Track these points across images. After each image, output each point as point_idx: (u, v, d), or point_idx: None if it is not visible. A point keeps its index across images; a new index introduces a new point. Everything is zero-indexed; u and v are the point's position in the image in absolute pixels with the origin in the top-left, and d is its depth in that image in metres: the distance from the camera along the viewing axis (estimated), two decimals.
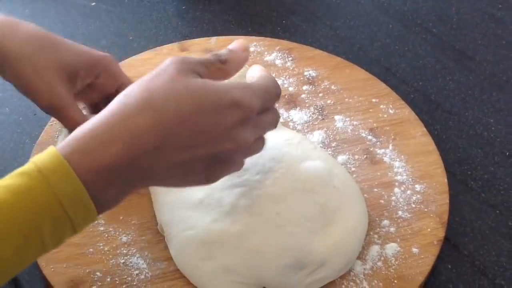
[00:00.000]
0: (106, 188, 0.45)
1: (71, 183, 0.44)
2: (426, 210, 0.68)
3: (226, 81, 0.52)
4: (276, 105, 0.76)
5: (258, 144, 0.53)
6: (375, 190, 0.70)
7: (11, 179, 0.44)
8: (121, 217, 0.65)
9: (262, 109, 0.52)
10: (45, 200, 0.43)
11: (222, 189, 0.60)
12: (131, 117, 0.45)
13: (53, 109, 0.59)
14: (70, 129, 0.58)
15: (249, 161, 0.62)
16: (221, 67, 0.52)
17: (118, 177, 0.45)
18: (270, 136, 0.65)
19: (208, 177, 0.50)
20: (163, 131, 0.45)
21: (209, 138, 0.47)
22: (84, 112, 0.61)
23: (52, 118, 0.75)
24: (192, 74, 0.49)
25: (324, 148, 0.74)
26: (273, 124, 0.54)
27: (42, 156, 0.45)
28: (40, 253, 0.46)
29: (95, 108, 0.63)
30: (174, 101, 0.46)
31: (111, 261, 0.62)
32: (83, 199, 0.44)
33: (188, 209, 0.60)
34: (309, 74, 0.83)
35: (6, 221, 0.43)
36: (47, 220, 0.44)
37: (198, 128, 0.46)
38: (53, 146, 0.46)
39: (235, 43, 0.55)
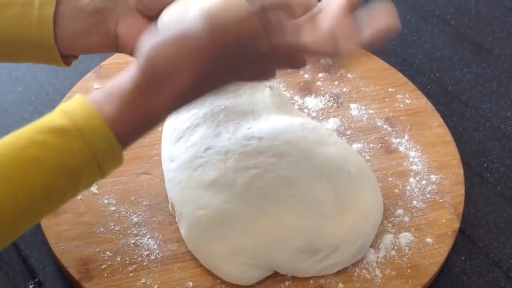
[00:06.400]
0: (132, 137, 0.50)
1: (107, 140, 0.47)
2: (441, 200, 0.67)
3: None
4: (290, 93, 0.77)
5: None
6: (390, 179, 0.69)
7: (50, 135, 0.46)
8: (132, 198, 0.65)
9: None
10: (83, 158, 0.47)
11: (236, 170, 0.59)
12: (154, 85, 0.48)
13: None
14: None
15: (263, 143, 0.61)
16: None
17: (141, 128, 0.50)
18: (285, 120, 0.65)
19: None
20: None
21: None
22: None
23: (65, 98, 0.75)
24: None
25: (339, 136, 0.73)
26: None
27: (77, 110, 0.47)
28: (69, 199, 0.50)
29: None
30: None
31: (121, 241, 0.61)
32: (115, 152, 0.48)
33: (200, 189, 0.59)
34: (325, 61, 0.82)
35: (48, 179, 0.46)
36: (84, 175, 0.48)
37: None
38: (87, 101, 0.47)
39: None
